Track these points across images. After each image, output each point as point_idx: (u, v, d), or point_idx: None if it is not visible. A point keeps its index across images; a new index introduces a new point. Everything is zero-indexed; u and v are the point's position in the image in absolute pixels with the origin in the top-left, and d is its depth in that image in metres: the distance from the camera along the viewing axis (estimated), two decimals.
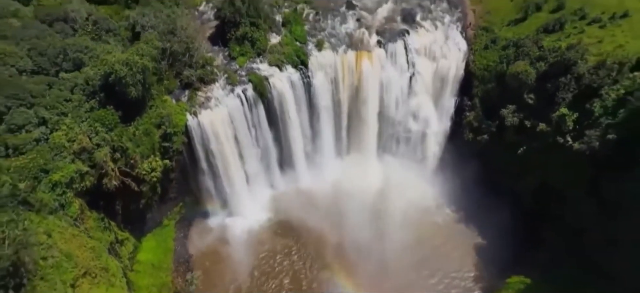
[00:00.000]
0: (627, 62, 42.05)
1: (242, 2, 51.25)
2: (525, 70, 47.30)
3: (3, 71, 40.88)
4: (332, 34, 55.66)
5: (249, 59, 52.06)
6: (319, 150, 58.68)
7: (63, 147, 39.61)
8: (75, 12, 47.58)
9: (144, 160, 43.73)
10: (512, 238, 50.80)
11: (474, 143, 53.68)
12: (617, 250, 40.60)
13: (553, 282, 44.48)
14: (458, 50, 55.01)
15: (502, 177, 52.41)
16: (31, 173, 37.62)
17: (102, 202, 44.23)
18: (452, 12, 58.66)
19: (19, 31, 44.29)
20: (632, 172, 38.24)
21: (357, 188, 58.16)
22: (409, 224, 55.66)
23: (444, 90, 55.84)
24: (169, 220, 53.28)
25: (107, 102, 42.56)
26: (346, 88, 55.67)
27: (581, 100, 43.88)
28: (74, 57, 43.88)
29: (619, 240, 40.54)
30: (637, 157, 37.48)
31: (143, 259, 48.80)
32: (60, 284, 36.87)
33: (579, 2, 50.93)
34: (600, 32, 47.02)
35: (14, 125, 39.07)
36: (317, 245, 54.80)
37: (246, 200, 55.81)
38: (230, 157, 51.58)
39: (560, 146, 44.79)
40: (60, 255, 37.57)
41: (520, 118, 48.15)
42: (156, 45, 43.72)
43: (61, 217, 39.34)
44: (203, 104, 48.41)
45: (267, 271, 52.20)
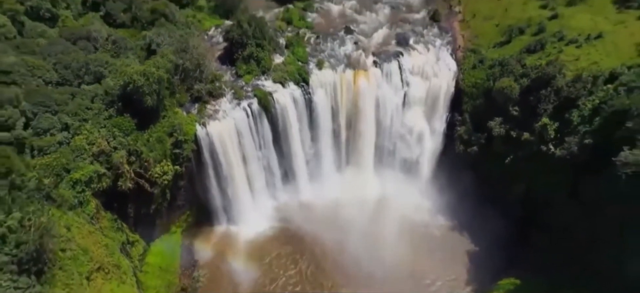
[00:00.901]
0: (601, 75, 46.14)
1: (248, 25, 55.91)
2: (509, 86, 51.31)
3: (31, 81, 44.86)
4: (332, 55, 60.06)
5: (255, 76, 56.18)
6: (319, 163, 62.03)
7: (83, 149, 43.11)
8: (97, 32, 52.20)
9: (157, 164, 47.04)
10: (504, 243, 53.47)
11: (465, 155, 57.06)
12: (598, 247, 43.16)
13: (541, 282, 46.74)
14: (448, 70, 59.20)
15: (492, 186, 55.46)
16: (54, 172, 40.95)
17: (116, 204, 47.33)
18: (442, 36, 63.25)
19: (46, 47, 48.68)
20: (606, 174, 41.35)
21: (356, 200, 61.07)
22: (405, 234, 58.28)
23: (436, 106, 59.68)
24: (177, 227, 56.05)
25: (124, 111, 46.42)
26: (344, 104, 59.56)
27: (561, 111, 47.69)
28: (95, 70, 48.05)
29: (599, 238, 43.20)
30: (609, 160, 40.65)
31: (151, 262, 51.33)
32: (77, 275, 39.52)
33: (557, 26, 55.51)
34: (577, 51, 51.20)
35: (39, 129, 42.70)
36: (317, 253, 57.11)
37: (250, 210, 58.66)
38: (236, 166, 54.86)
39: (544, 154, 48.26)
40: (77, 249, 40.39)
41: (506, 129, 51.78)
42: (171, 59, 47.91)
43: (79, 214, 42.44)
44: (211, 116, 52.18)
45: (268, 276, 54.42)
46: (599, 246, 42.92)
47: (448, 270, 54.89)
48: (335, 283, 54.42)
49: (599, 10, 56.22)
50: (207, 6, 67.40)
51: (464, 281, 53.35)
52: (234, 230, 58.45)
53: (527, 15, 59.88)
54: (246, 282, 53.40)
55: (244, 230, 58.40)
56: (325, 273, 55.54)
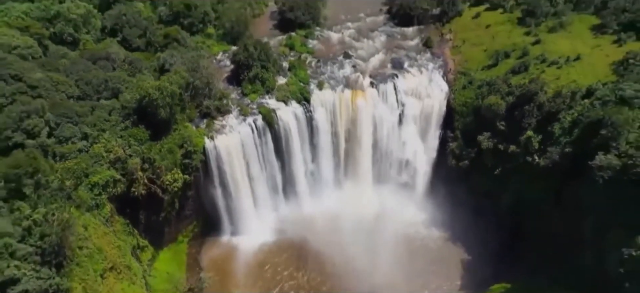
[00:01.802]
0: (579, 91, 50.15)
1: (254, 49, 60.60)
2: (496, 103, 55.28)
3: (55, 95, 48.90)
4: (331, 77, 64.40)
5: (259, 95, 60.36)
6: (319, 178, 65.28)
7: (101, 156, 46.70)
8: (115, 54, 56.81)
9: (168, 172, 50.40)
10: (495, 251, 56.16)
11: (457, 169, 60.44)
12: (581, 249, 45.78)
13: (530, 284, 49.08)
14: (440, 90, 63.34)
15: (484, 197, 58.45)
16: (75, 175, 44.32)
17: (129, 209, 50.47)
18: (435, 61, 67.72)
19: (69, 66, 53.09)
20: (586, 180, 44.60)
21: (354, 213, 63.89)
22: (402, 245, 60.81)
23: (429, 124, 63.51)
24: (184, 236, 58.88)
25: (139, 123, 50.37)
26: (343, 122, 63.42)
27: (543, 124, 51.43)
28: (113, 87, 52.27)
29: (581, 240, 45.90)
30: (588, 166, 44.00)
31: (159, 268, 53.94)
32: (92, 272, 42.36)
33: (540, 50, 59.98)
34: (558, 71, 55.43)
35: (62, 137, 46.44)
36: (317, 264, 59.57)
37: (253, 221, 61.57)
38: (241, 178, 58.21)
39: (529, 164, 51.66)
40: (93, 247, 43.38)
41: (494, 143, 55.41)
42: (183, 76, 52.08)
43: (96, 215, 45.58)
44: (219, 130, 55.96)
45: (269, 284, 56.71)
46: (582, 247, 45.58)
47: (443, 278, 57.20)
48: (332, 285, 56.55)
49: (577, 36, 60.89)
50: (216, 34, 72.45)
51: (458, 287, 55.64)
52: (238, 240, 61.21)
53: (513, 41, 64.47)
54: (248, 286, 55.53)
55: (247, 241, 61.12)
56: (324, 282, 57.81)
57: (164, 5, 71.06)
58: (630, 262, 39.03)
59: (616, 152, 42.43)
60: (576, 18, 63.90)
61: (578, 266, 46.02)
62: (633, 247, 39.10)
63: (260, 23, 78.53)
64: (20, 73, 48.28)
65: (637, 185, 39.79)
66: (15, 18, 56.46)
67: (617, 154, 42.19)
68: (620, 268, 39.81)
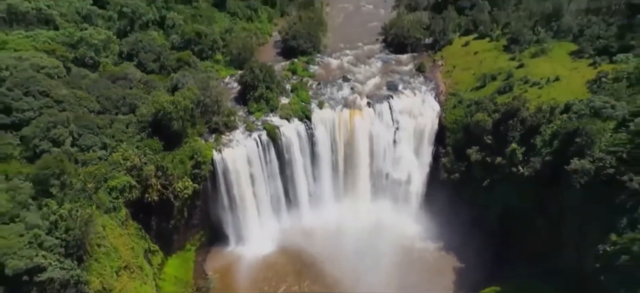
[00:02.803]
0: (557, 107, 54.65)
1: (260, 71, 65.72)
2: (484, 119, 59.82)
3: (78, 109, 53.52)
4: (331, 98, 69.24)
5: (264, 113, 65.02)
6: (320, 192, 69.02)
7: (119, 163, 50.82)
8: (132, 74, 61.86)
9: (179, 180, 54.38)
10: (486, 259, 59.39)
11: (449, 182, 64.31)
12: (562, 250, 49.21)
13: (518, 285, 52.03)
14: (432, 110, 67.96)
15: (474, 208, 62.01)
16: (95, 179, 48.31)
17: (142, 215, 54.13)
18: (427, 84, 72.71)
19: (91, 85, 58.02)
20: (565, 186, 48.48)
21: (353, 225, 67.27)
22: (398, 255, 63.88)
23: (422, 141, 67.80)
24: (191, 245, 62.22)
25: (154, 134, 54.89)
26: (342, 139, 67.74)
27: (526, 137, 55.68)
28: (130, 102, 57.02)
29: (563, 242, 49.37)
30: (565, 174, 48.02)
31: (168, 272, 57.14)
32: (109, 269, 45.86)
33: (523, 73, 64.85)
34: (539, 91, 60.04)
35: (84, 146, 50.72)
36: (317, 272, 62.50)
37: (256, 231, 64.99)
38: (246, 190, 62.05)
39: (514, 174, 55.62)
40: (110, 246, 46.98)
41: (482, 156, 59.53)
42: (195, 92, 56.86)
43: (113, 217, 49.29)
44: (226, 144, 60.28)
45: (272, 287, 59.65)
46: (563, 249, 49.00)
47: (437, 285, 60.06)
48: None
49: (558, 60, 65.97)
50: (223, 60, 78.04)
51: (450, 290, 58.39)
52: (242, 249, 64.42)
53: (498, 65, 69.53)
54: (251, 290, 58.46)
55: (251, 250, 64.38)
56: (323, 284, 60.67)
57: (175, 33, 77.00)
58: (604, 257, 42.44)
59: (590, 158, 46.50)
60: (556, 45, 69.21)
61: (560, 266, 49.28)
62: (607, 243, 42.62)
63: (265, 51, 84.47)
64: (48, 89, 53.09)
65: (608, 185, 43.66)
66: (42, 42, 61.77)
67: (591, 160, 46.24)
68: (596, 263, 43.20)
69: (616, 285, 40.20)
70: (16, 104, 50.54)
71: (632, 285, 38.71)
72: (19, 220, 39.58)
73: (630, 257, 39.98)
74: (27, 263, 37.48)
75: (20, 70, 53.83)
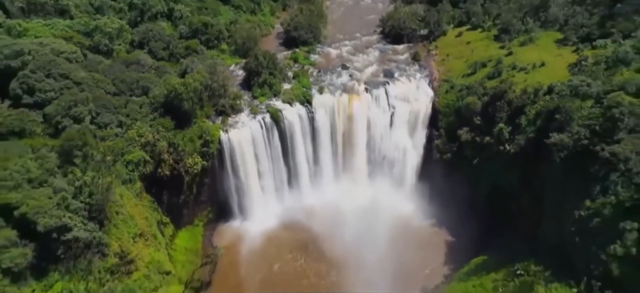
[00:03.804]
0: (541, 88, 58.63)
1: (263, 58, 69.83)
2: (473, 102, 63.88)
3: (96, 90, 57.62)
4: (331, 84, 73.29)
5: (268, 98, 69.07)
6: (320, 172, 73.09)
7: (134, 139, 54.93)
8: (144, 60, 66.07)
9: (189, 156, 58.49)
10: (475, 234, 63.30)
11: (441, 162, 68.42)
12: (544, 224, 53.06)
13: (503, 257, 55.92)
14: (426, 95, 71.97)
15: (465, 186, 66.01)
16: (113, 152, 52.42)
17: (154, 189, 58.20)
18: (422, 71, 76.67)
19: (106, 69, 62.22)
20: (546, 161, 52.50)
21: (351, 204, 71.12)
22: (393, 232, 67.60)
23: (417, 124, 71.82)
24: (199, 220, 66.31)
25: (165, 115, 58.92)
26: (341, 123, 71.74)
27: (513, 117, 59.68)
28: (143, 85, 61.16)
29: (545, 215, 53.27)
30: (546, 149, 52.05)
31: (179, 244, 61.20)
32: (126, 235, 50.02)
33: (512, 60, 68.69)
34: (526, 75, 63.98)
35: (102, 123, 54.87)
36: (316, 246, 66.38)
37: (260, 208, 69.06)
38: (250, 168, 66.14)
39: (501, 152, 59.61)
40: (127, 214, 51.11)
41: (472, 136, 63.59)
42: (204, 75, 60.98)
43: (129, 188, 53.42)
44: (232, 126, 64.38)
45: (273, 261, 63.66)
46: (544, 219, 52.94)
47: (429, 258, 64.02)
48: (331, 267, 63.24)
49: (544, 48, 69.95)
50: (229, 49, 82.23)
51: (442, 264, 62.51)
52: (246, 225, 68.50)
53: (489, 54, 73.53)
54: (255, 262, 62.62)
55: (255, 226, 68.47)
56: (322, 261, 64.46)
57: (183, 24, 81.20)
58: (579, 221, 46.38)
59: (569, 133, 50.49)
60: (543, 34, 73.23)
61: (542, 235, 53.14)
62: (582, 209, 46.62)
63: (268, 41, 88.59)
64: (67, 72, 57.21)
65: (583, 156, 47.69)
66: (60, 30, 66.03)
67: (569, 135, 50.24)
68: (572, 227, 47.13)
69: (588, 244, 44.10)
70: (39, 85, 54.66)
71: (601, 244, 42.62)
72: (47, 185, 43.65)
73: (601, 219, 43.96)
74: (56, 222, 41.53)
75: (42, 54, 58.03)
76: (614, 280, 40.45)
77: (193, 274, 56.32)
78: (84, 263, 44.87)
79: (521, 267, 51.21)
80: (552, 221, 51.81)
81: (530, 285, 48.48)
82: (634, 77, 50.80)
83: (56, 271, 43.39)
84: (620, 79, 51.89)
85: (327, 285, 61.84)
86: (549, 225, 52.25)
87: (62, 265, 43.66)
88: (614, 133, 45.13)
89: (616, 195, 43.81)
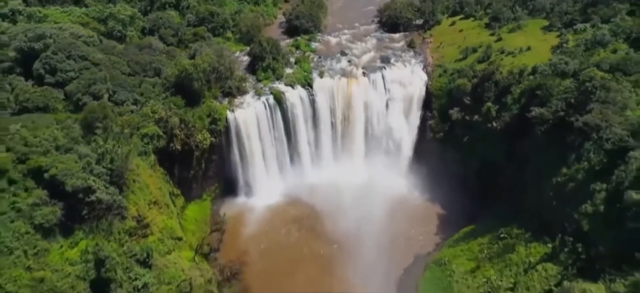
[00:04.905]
0: (526, 70, 63.10)
1: (267, 44, 74.35)
2: (464, 83, 68.41)
3: (112, 71, 62.12)
4: (330, 69, 77.74)
5: (271, 81, 73.59)
6: (320, 152, 77.62)
7: (148, 115, 59.42)
8: (155, 45, 70.61)
9: (199, 132, 63.08)
10: (467, 207, 67.61)
11: (434, 141, 73.04)
12: (527, 193, 57.40)
13: (490, 225, 60.45)
14: (420, 79, 76.37)
15: (456, 163, 70.47)
16: (130, 126, 56.93)
17: (167, 163, 62.70)
18: (416, 57, 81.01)
19: (122, 52, 66.73)
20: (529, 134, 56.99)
21: (349, 181, 75.64)
22: (388, 206, 72.11)
23: (411, 107, 76.28)
24: (207, 195, 70.89)
25: (177, 94, 63.44)
26: (340, 105, 76.24)
27: (499, 97, 64.23)
28: (155, 67, 65.75)
29: (527, 186, 57.66)
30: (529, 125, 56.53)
31: (188, 214, 65.76)
32: (142, 201, 54.49)
33: (501, 45, 73.33)
34: (513, 59, 68.35)
35: (118, 101, 59.41)
36: (318, 220, 70.83)
37: (264, 185, 73.60)
38: (255, 147, 70.66)
39: (489, 129, 64.15)
40: (143, 182, 55.56)
41: (462, 115, 68.11)
42: (212, 57, 65.48)
43: (144, 160, 57.86)
44: (238, 106, 68.91)
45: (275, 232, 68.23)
46: (526, 190, 57.30)
47: (423, 230, 68.49)
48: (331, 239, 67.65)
49: (531, 34, 74.42)
50: (234, 37, 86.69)
51: (434, 234, 67.07)
52: (251, 201, 73.10)
53: (480, 40, 77.85)
54: (259, 233, 67.28)
55: (259, 201, 73.01)
56: (323, 231, 68.82)
57: (191, 13, 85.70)
58: (556, 187, 50.91)
59: (549, 108, 54.92)
60: (531, 21, 77.72)
61: (525, 205, 57.39)
62: (559, 175, 51.13)
63: (271, 30, 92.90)
64: (86, 54, 61.75)
65: (561, 128, 52.15)
66: (77, 17, 70.65)
67: (549, 110, 54.67)
68: (550, 193, 51.63)
69: (563, 206, 48.56)
70: (60, 66, 59.17)
71: (575, 205, 47.09)
72: (73, 152, 48.11)
73: (575, 184, 48.48)
74: (82, 183, 45.92)
75: (62, 38, 62.52)
76: (583, 235, 44.93)
77: (202, 240, 60.68)
78: (105, 224, 49.12)
79: (505, 231, 55.85)
80: (534, 190, 56.18)
81: (512, 246, 53.13)
82: (608, 57, 55.25)
83: (81, 230, 47.60)
84: (596, 58, 56.33)
85: (327, 254, 66.18)
86: (531, 194, 56.62)
87: (86, 225, 47.86)
88: (587, 104, 49.55)
89: (588, 161, 48.27)
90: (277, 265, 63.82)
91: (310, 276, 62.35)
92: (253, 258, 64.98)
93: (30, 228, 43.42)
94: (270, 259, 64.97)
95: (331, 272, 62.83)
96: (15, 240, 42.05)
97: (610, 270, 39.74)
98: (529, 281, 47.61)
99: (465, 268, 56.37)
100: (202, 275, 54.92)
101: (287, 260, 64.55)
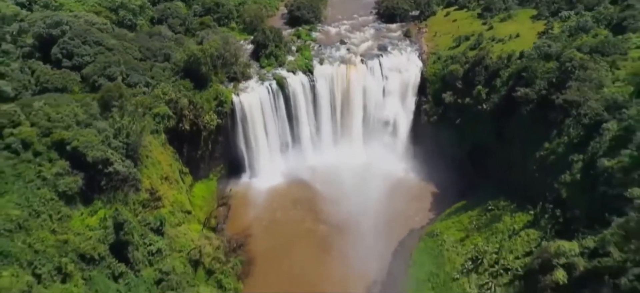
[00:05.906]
0: (514, 55, 67.01)
1: (270, 32, 78.33)
2: (456, 69, 72.38)
3: (125, 55, 66.13)
4: (330, 56, 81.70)
5: (274, 67, 77.58)
6: (320, 135, 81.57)
7: (159, 97, 63.42)
8: (165, 32, 74.63)
9: (206, 114, 67.09)
10: (458, 187, 71.58)
11: (428, 125, 76.99)
12: (513, 171, 61.37)
13: (480, 199, 64.41)
14: (416, 66, 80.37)
15: (449, 146, 74.40)
16: (143, 106, 60.94)
17: (176, 142, 66.70)
18: (412, 46, 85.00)
19: (133, 38, 70.75)
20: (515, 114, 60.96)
21: (348, 163, 79.69)
22: (385, 186, 76.17)
23: (407, 92, 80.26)
24: (214, 175, 74.84)
25: (185, 77, 67.43)
26: (339, 91, 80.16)
27: (489, 80, 68.16)
28: (165, 53, 69.75)
29: (513, 164, 61.60)
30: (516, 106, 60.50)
31: (196, 192, 69.77)
32: (155, 175, 58.52)
33: (492, 33, 77.23)
34: (503, 45, 72.38)
35: (131, 83, 63.40)
36: (317, 200, 74.73)
37: (267, 166, 77.60)
38: (259, 129, 74.65)
39: (479, 111, 68.12)
40: (155, 159, 59.57)
41: (454, 98, 72.09)
42: (219, 44, 69.47)
43: (156, 138, 61.85)
44: (243, 90, 72.91)
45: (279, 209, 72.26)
46: (513, 167, 61.26)
47: (418, 207, 72.43)
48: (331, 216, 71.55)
49: (520, 23, 78.41)
50: (238, 27, 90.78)
51: (428, 210, 71.07)
52: (255, 180, 77.18)
53: (472, 29, 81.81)
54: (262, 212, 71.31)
55: (262, 182, 76.96)
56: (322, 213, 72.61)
57: (197, 4, 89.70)
58: (539, 161, 54.92)
59: (533, 89, 58.86)
60: (521, 11, 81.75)
61: (512, 181, 61.27)
62: (541, 150, 55.11)
63: (273, 21, 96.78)
64: (100, 40, 65.79)
65: (544, 106, 56.09)
66: (90, 6, 74.64)
67: (533, 90, 58.62)
68: (533, 166, 55.63)
69: (545, 178, 52.53)
70: (76, 50, 63.19)
71: (555, 176, 51.05)
72: (92, 127, 52.20)
73: (556, 157, 52.46)
74: (101, 155, 49.98)
75: (77, 25, 66.52)
76: (562, 202, 48.83)
77: (210, 213, 64.74)
78: (121, 194, 53.16)
79: (492, 204, 59.95)
80: (520, 166, 60.16)
81: (499, 217, 57.18)
82: (589, 40, 59.19)
83: (100, 200, 51.60)
84: (578, 42, 60.25)
85: (325, 232, 70.01)
86: (517, 169, 60.63)
87: (104, 195, 51.85)
88: (567, 83, 53.47)
89: (568, 135, 52.23)
90: (280, 241, 67.61)
91: (311, 251, 66.28)
92: (257, 234, 68.95)
93: (54, 195, 47.38)
94: (274, 235, 68.82)
95: (330, 247, 66.63)
96: (41, 205, 45.98)
97: (583, 230, 43.57)
98: (512, 245, 51.57)
99: (456, 238, 60.35)
100: (211, 243, 58.96)
101: (289, 236, 68.41)
